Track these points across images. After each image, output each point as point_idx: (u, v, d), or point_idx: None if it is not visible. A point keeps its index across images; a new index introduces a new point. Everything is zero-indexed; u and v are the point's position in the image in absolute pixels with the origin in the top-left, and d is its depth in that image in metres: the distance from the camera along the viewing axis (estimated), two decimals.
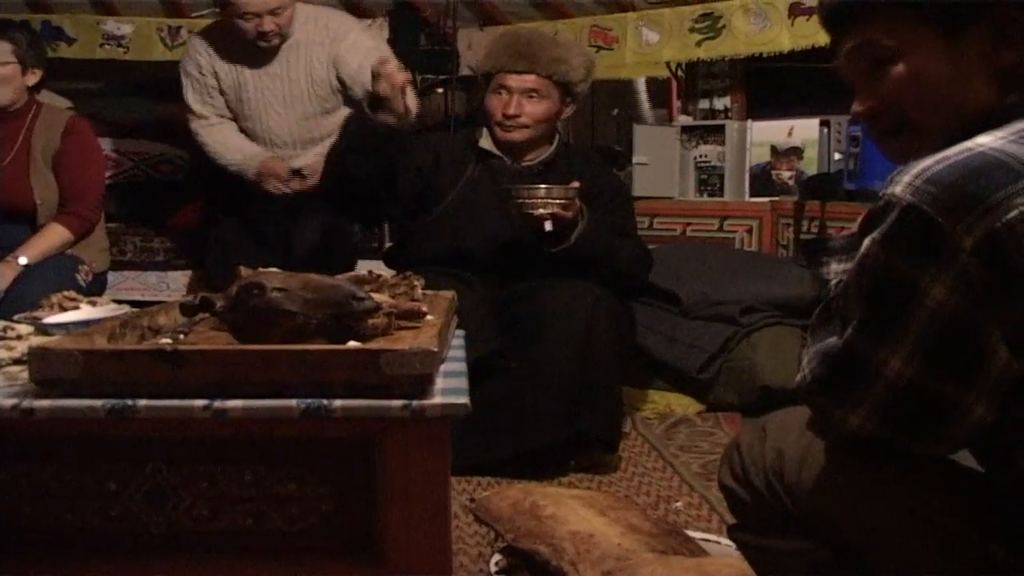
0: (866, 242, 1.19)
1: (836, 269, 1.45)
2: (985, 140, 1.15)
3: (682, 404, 3.57)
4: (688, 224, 4.44)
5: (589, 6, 4.77)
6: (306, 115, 3.65)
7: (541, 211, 2.75)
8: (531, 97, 3.00)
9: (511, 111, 3.00)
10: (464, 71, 4.75)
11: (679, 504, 2.50)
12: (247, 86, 3.61)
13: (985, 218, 1.09)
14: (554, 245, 2.83)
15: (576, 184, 2.80)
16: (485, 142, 3.10)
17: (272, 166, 3.60)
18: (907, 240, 1.14)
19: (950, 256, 1.10)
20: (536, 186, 2.81)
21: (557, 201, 2.76)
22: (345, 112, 3.67)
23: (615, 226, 3.01)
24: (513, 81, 3.00)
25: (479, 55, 3.07)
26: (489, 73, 3.07)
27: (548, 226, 2.78)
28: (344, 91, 3.66)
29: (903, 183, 1.14)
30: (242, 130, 3.71)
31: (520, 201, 2.76)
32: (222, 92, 3.64)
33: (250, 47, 3.54)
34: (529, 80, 2.99)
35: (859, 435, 1.24)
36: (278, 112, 3.62)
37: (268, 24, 3.45)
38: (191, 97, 3.70)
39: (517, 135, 3.03)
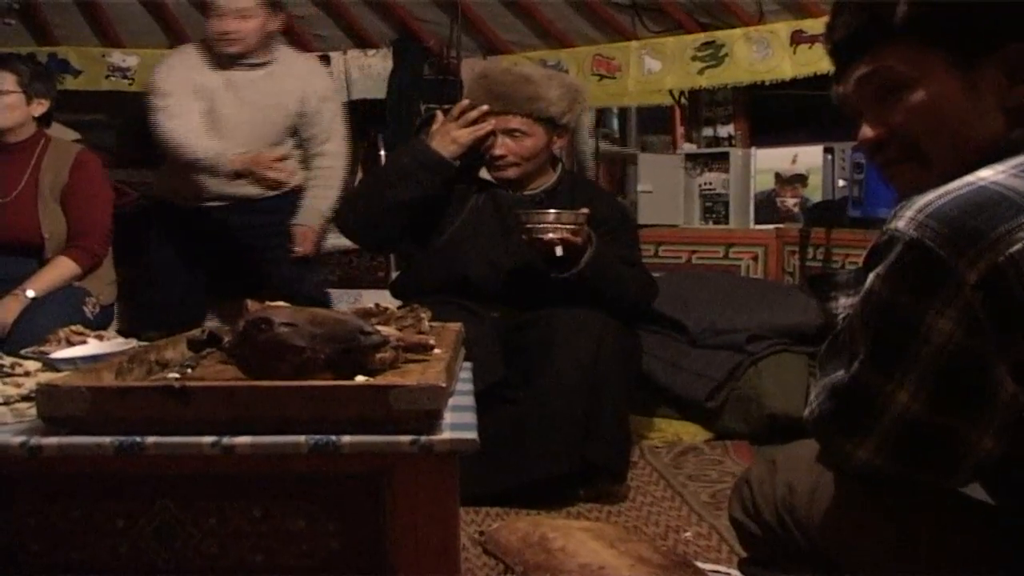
0: (870, 277, 1.19)
1: (844, 303, 1.45)
2: (986, 174, 1.15)
3: (690, 432, 3.56)
4: (694, 252, 4.45)
5: (592, 35, 4.79)
6: (264, 139, 3.74)
7: (551, 236, 2.76)
8: (514, 136, 3.00)
9: (497, 152, 3.02)
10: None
11: (688, 534, 2.49)
12: (220, 102, 3.66)
13: (988, 253, 1.09)
14: (563, 271, 2.83)
15: (585, 210, 2.81)
16: (486, 173, 3.11)
17: (261, 157, 3.59)
18: (911, 275, 1.14)
19: (954, 291, 1.11)
20: (546, 211, 2.82)
21: (567, 226, 2.77)
22: (285, 149, 3.81)
23: (620, 254, 3.01)
24: (496, 122, 2.99)
25: (464, 95, 3.07)
26: None
27: (559, 251, 2.79)
28: (294, 127, 3.80)
29: (906, 218, 1.15)
30: None
31: (530, 226, 2.77)
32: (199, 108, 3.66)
33: (224, 73, 3.66)
34: (511, 121, 2.99)
35: (868, 470, 1.24)
36: (242, 132, 3.67)
37: (230, 24, 3.54)
38: (159, 75, 3.66)
39: (509, 172, 3.04)
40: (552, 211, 2.81)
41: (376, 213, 2.98)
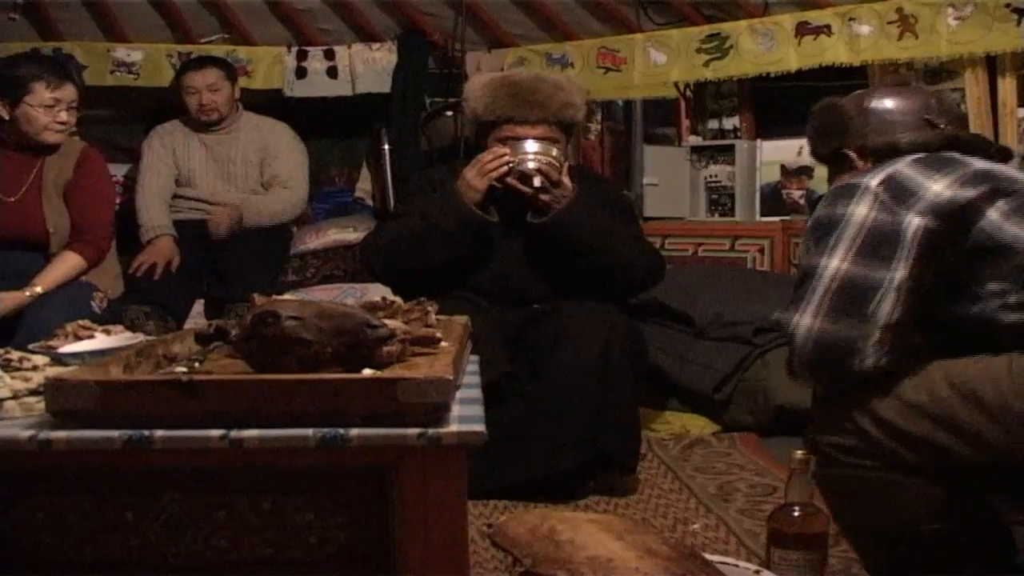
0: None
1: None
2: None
3: (697, 425, 3.56)
4: (700, 244, 4.44)
5: (597, 28, 4.78)
6: (236, 188, 4.40)
7: (530, 165, 2.84)
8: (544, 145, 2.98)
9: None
10: None
11: (696, 526, 2.49)
12: (195, 162, 4.41)
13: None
14: (543, 215, 2.88)
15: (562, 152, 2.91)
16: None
17: (163, 246, 4.13)
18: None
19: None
20: (524, 140, 2.89)
21: (544, 158, 2.85)
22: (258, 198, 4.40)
23: (620, 229, 3.01)
24: (523, 131, 2.95)
25: (475, 103, 3.02)
26: (490, 122, 3.00)
27: (536, 181, 2.84)
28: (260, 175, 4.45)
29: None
30: (184, 195, 4.39)
31: (511, 160, 2.86)
32: (176, 164, 4.40)
33: (201, 136, 4.41)
34: (544, 130, 2.96)
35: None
36: (215, 183, 4.40)
37: (206, 98, 4.30)
38: (146, 165, 4.40)
39: (536, 182, 2.95)
40: (530, 141, 2.88)
41: (416, 272, 2.92)
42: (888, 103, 1.98)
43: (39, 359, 1.83)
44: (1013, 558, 1.74)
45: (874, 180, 1.73)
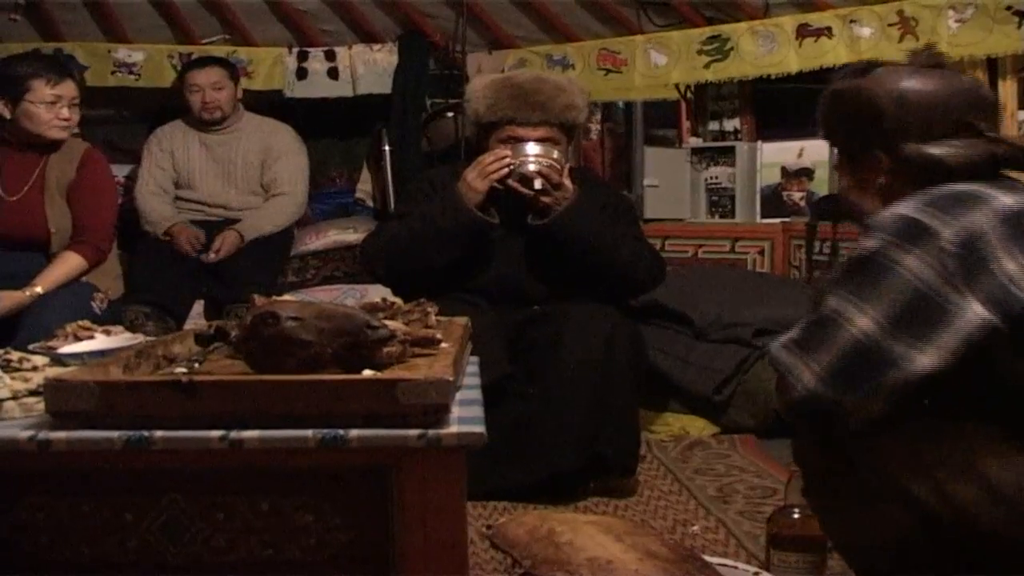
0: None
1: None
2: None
3: (697, 426, 3.56)
4: (700, 246, 4.44)
5: (597, 29, 4.78)
6: (237, 189, 4.45)
7: (531, 167, 2.84)
8: (545, 147, 2.97)
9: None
10: None
11: (696, 528, 2.49)
12: (195, 162, 4.46)
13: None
14: (544, 216, 2.88)
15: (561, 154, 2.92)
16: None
17: (183, 229, 4.24)
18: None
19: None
20: (524, 143, 2.90)
21: (545, 160, 2.85)
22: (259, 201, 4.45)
23: (620, 231, 3.02)
24: (524, 132, 2.95)
25: (477, 104, 3.02)
26: (492, 123, 3.00)
27: (537, 183, 2.85)
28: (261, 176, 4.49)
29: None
30: (184, 197, 4.45)
31: (511, 163, 2.87)
32: (175, 167, 4.45)
33: (201, 136, 4.45)
34: (546, 131, 2.96)
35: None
36: (215, 183, 4.44)
37: (209, 96, 4.35)
38: (144, 169, 4.47)
39: (538, 183, 2.93)
40: (530, 143, 2.89)
41: (417, 273, 2.91)
42: (926, 96, 1.67)
43: (39, 359, 1.83)
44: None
45: (949, 230, 1.44)
